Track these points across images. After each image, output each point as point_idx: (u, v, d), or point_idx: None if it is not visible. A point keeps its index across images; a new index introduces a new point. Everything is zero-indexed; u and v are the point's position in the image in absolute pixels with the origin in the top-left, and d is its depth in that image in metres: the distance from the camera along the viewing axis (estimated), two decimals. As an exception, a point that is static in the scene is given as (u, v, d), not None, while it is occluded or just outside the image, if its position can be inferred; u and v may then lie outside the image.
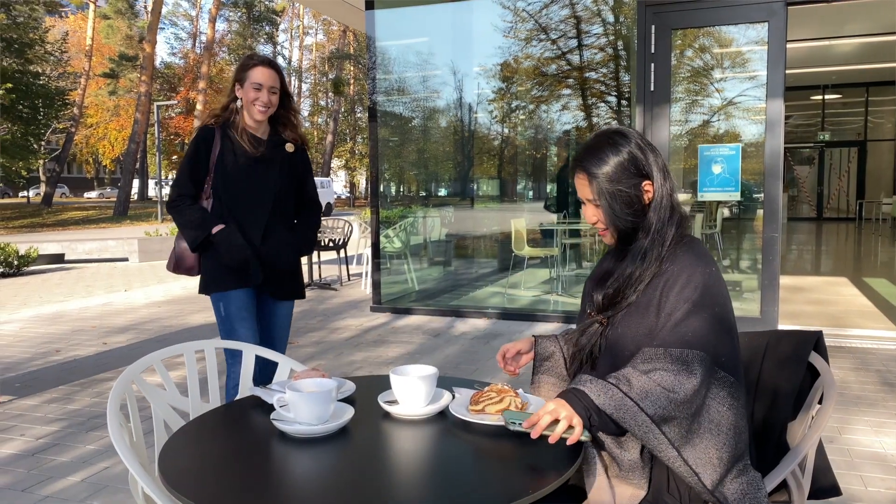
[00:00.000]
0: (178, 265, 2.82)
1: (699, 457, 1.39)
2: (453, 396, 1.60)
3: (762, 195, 5.32)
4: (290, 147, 2.81)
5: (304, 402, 1.43)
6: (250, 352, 2.13)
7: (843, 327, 5.48)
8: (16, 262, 11.06)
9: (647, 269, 1.51)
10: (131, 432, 1.67)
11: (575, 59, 9.05)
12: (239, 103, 2.75)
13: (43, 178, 37.07)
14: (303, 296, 2.94)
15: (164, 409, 1.86)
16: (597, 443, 1.47)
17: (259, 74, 2.66)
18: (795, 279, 8.20)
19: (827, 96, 15.97)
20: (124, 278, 10.54)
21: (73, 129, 34.85)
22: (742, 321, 5.37)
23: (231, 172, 2.70)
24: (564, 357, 1.71)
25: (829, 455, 3.05)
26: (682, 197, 6.15)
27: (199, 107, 35.18)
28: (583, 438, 1.30)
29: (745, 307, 5.84)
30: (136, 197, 40.38)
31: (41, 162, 33.66)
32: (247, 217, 2.73)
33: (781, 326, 5.33)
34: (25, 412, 3.86)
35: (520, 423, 1.29)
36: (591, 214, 1.58)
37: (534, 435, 1.33)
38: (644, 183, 1.53)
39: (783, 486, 1.58)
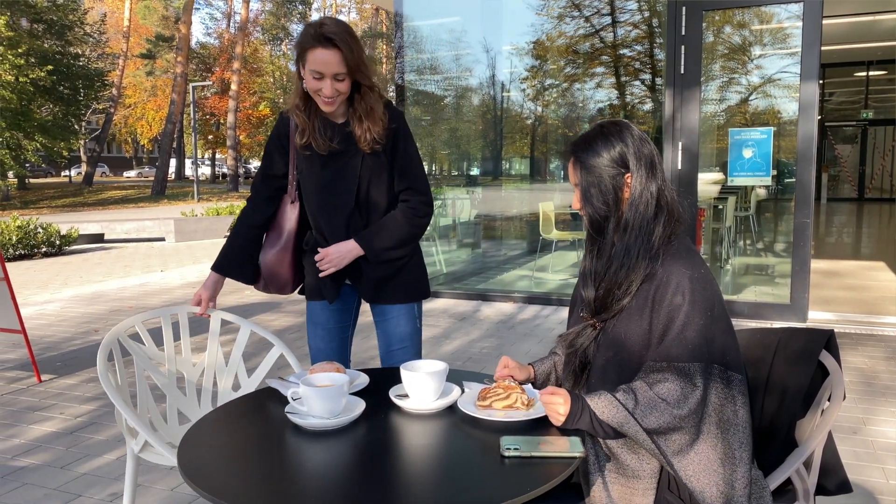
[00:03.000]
0: (267, 283, 2.33)
1: (702, 462, 1.42)
2: (462, 391, 1.64)
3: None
4: (365, 146, 2.13)
5: (317, 397, 1.48)
6: (246, 327, 2.34)
7: (876, 314, 5.38)
8: (58, 242, 11.40)
9: (634, 269, 1.52)
10: (117, 377, 2.08)
11: (608, 36, 8.90)
12: (304, 85, 2.12)
13: (84, 157, 37.92)
14: (421, 295, 2.32)
15: (143, 360, 2.29)
16: (606, 448, 1.52)
17: (317, 59, 2.00)
18: (831, 263, 8.04)
19: (871, 73, 15.47)
20: (161, 258, 10.80)
21: (112, 110, 35.56)
22: (772, 308, 5.31)
23: (304, 172, 2.21)
24: (557, 372, 1.75)
25: (852, 447, 3.03)
26: (714, 177, 6.06)
27: (233, 87, 35.50)
28: (577, 455, 1.33)
29: (776, 292, 5.76)
30: (172, 176, 41.11)
31: (82, 142, 34.42)
32: (327, 226, 2.21)
33: (812, 312, 5.26)
34: (65, 391, 4.02)
35: (515, 449, 1.33)
36: (577, 199, 1.63)
37: (540, 397, 1.47)
38: (626, 176, 1.55)
39: (789, 483, 1.59)
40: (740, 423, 1.45)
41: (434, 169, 9.39)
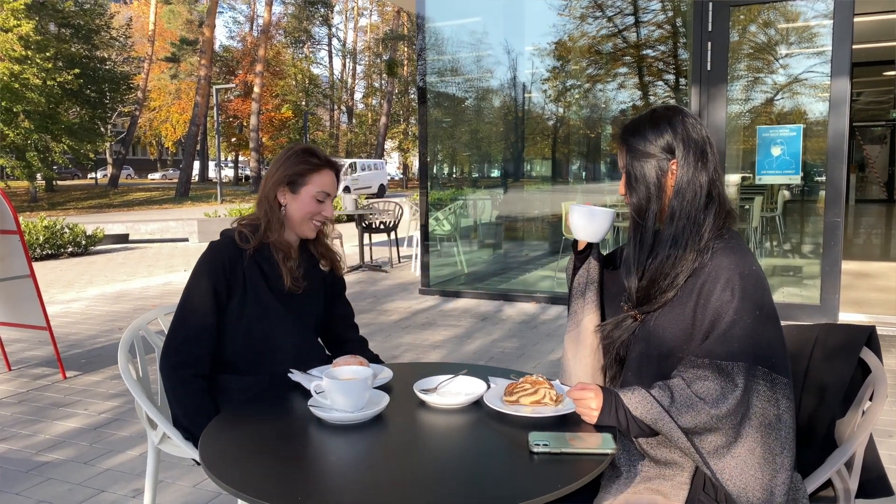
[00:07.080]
0: None
1: (739, 465, 1.36)
2: (488, 387, 1.60)
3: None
4: (324, 265, 2.08)
5: (340, 390, 1.45)
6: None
7: (910, 316, 5.24)
8: (84, 242, 11.55)
9: (681, 259, 1.46)
10: (138, 370, 2.10)
11: (632, 36, 8.82)
12: (283, 212, 1.96)
13: (109, 160, 38.44)
14: None
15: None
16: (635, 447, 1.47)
17: (326, 181, 1.95)
18: (861, 264, 7.87)
19: (901, 72, 15.15)
20: (184, 258, 10.88)
21: (137, 113, 36.03)
22: (801, 309, 5.20)
23: (263, 311, 1.93)
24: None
25: (888, 451, 2.94)
26: (741, 176, 5.97)
27: (256, 89, 35.80)
28: (609, 451, 1.29)
29: (805, 293, 5.65)
30: (196, 178, 41.52)
31: (108, 144, 34.87)
32: (279, 367, 1.87)
33: (843, 314, 5.14)
34: (89, 388, 4.05)
35: (544, 445, 1.28)
36: (623, 184, 1.58)
37: (569, 395, 1.45)
38: (672, 163, 1.50)
39: (829, 484, 1.53)
40: (783, 428, 1.39)
41: (455, 170, 9.36)
